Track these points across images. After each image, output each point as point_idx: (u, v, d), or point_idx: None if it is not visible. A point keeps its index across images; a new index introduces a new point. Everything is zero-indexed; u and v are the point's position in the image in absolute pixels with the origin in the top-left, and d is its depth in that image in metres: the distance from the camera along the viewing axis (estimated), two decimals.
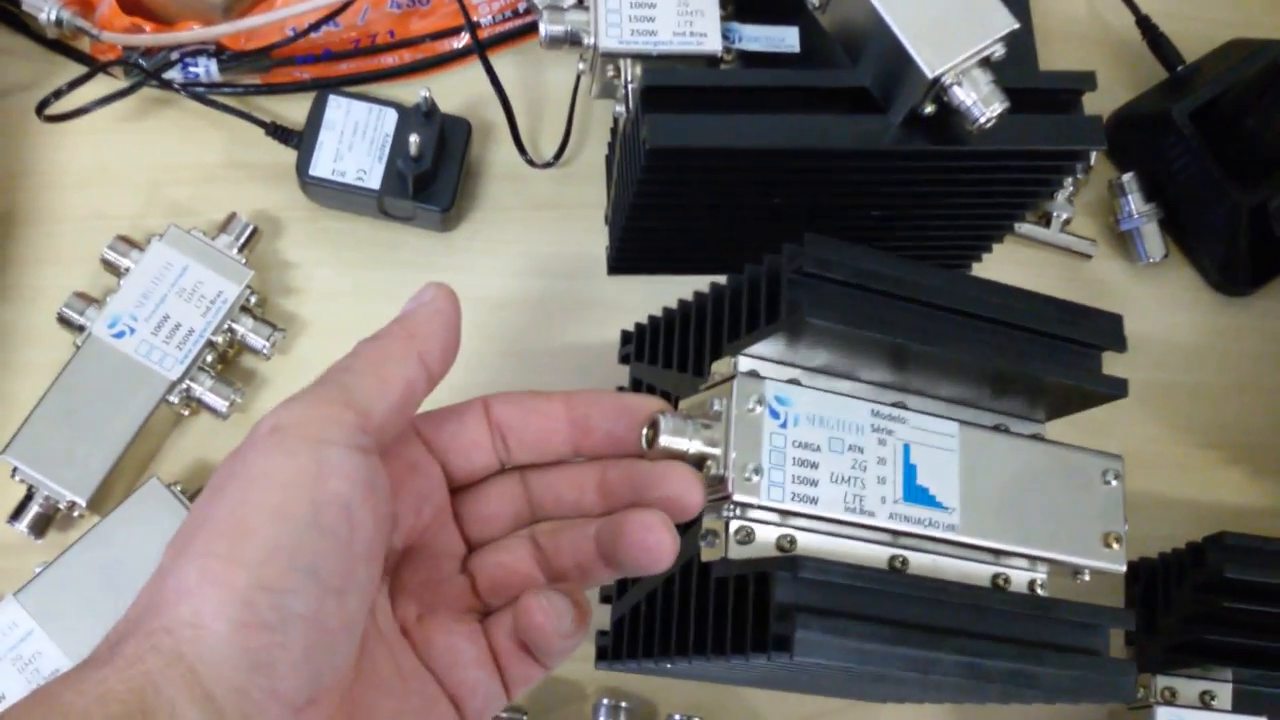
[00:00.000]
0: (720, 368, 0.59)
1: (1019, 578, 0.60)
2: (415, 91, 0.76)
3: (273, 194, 0.79)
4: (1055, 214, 0.82)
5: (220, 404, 0.73)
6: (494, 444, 0.55)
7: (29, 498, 0.71)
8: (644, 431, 0.54)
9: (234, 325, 0.73)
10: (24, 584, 0.69)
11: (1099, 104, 0.85)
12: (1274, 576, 0.68)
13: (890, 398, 0.59)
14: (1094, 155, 0.84)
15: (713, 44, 0.70)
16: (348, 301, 0.78)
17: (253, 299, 0.74)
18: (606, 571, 0.53)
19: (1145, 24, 0.86)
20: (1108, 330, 0.62)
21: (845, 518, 0.55)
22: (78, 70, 0.78)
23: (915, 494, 0.56)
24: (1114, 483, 0.60)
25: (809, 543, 0.56)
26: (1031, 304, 0.61)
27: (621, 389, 0.72)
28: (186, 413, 0.74)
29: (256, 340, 0.74)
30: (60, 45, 0.79)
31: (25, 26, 0.79)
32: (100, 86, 0.77)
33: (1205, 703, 0.72)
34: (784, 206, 0.72)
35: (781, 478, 0.55)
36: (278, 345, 0.74)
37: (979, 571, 0.59)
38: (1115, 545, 0.59)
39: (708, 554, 0.56)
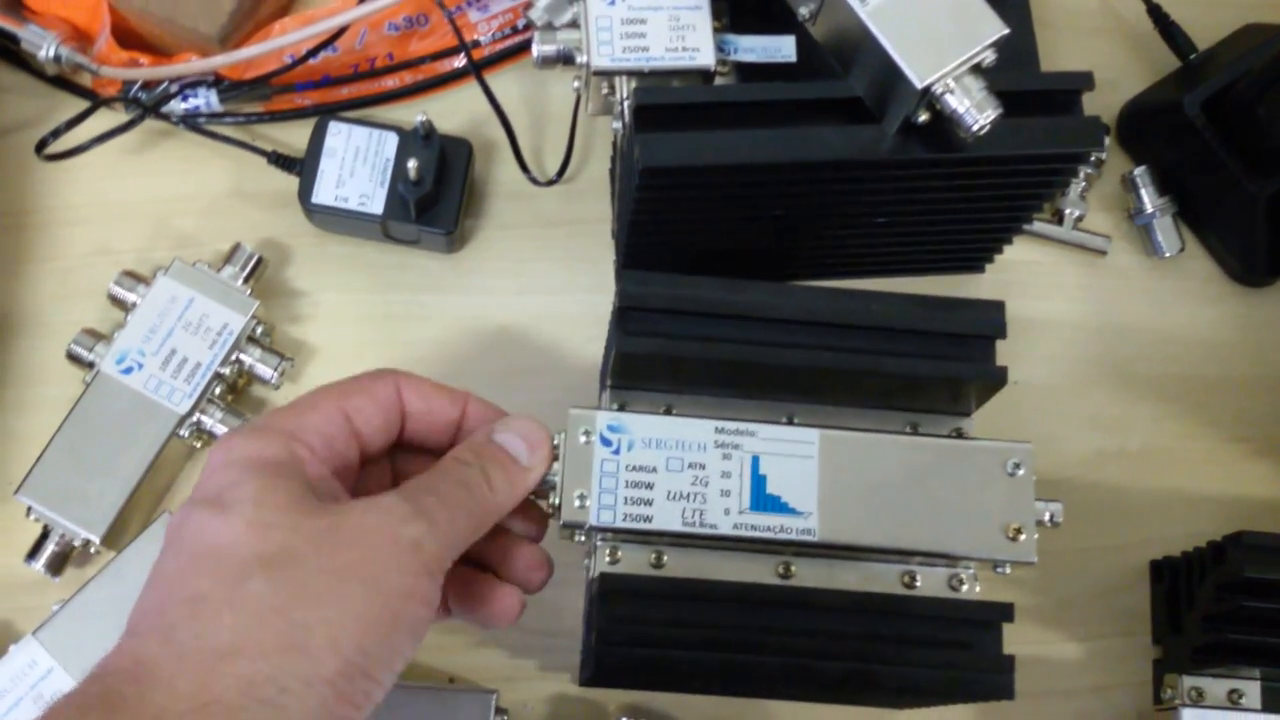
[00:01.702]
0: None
1: (933, 576, 0.62)
2: (417, 113, 0.76)
3: (278, 222, 0.79)
4: (1068, 211, 0.81)
5: None
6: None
7: (45, 536, 0.72)
8: None
9: (242, 356, 0.74)
10: (42, 622, 0.69)
11: (1112, 96, 0.85)
12: None
13: (783, 412, 0.64)
14: (1106, 149, 0.83)
15: (705, 58, 0.69)
16: (356, 326, 0.78)
17: (259, 329, 0.74)
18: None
19: (1156, 12, 0.84)
20: (985, 319, 0.63)
21: (684, 530, 0.60)
22: (80, 105, 0.78)
23: (765, 503, 0.60)
24: (1020, 473, 0.61)
25: (683, 559, 0.61)
26: (897, 305, 0.63)
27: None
28: (199, 445, 0.74)
29: (264, 370, 0.74)
30: (61, 81, 0.80)
31: (25, 63, 0.80)
32: (102, 122, 0.77)
33: (1234, 702, 0.71)
34: (789, 217, 0.71)
35: (614, 500, 0.60)
36: (286, 374, 0.74)
37: (885, 572, 0.62)
38: (1020, 537, 0.60)
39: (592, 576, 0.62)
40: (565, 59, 0.70)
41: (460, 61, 0.81)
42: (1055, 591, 0.76)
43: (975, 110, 0.61)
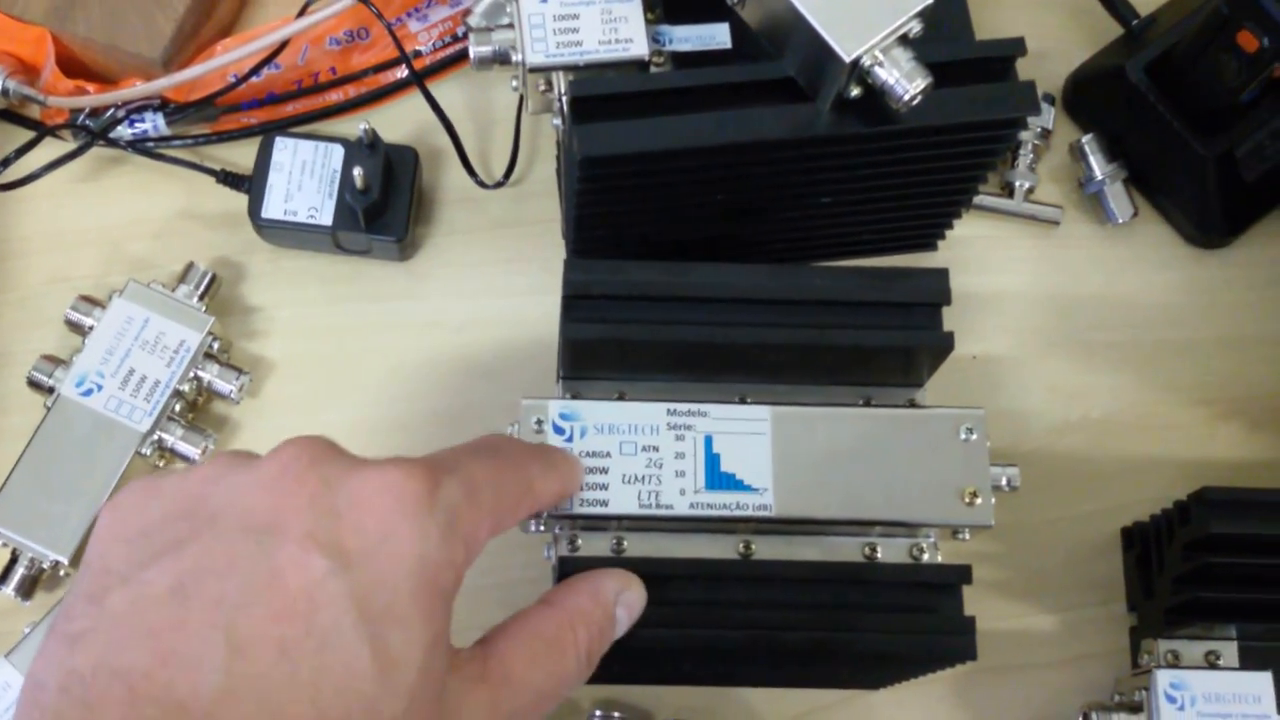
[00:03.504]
0: None
1: (894, 547, 0.63)
2: (355, 128, 0.76)
3: (231, 240, 0.79)
4: (1018, 184, 0.81)
5: (192, 452, 0.73)
6: None
7: (14, 561, 0.72)
8: None
9: (200, 373, 0.74)
10: (14, 645, 0.69)
11: (1057, 67, 0.85)
12: (1261, 527, 0.66)
13: (734, 390, 0.64)
14: (1052, 119, 0.83)
15: (639, 49, 0.69)
16: (312, 339, 0.78)
17: (215, 345, 0.74)
18: None
19: None
20: (929, 287, 0.64)
21: (640, 513, 0.60)
22: (29, 137, 0.79)
23: (720, 481, 0.61)
24: (973, 438, 0.62)
25: (643, 543, 0.62)
26: (842, 279, 0.64)
27: None
28: (162, 463, 0.75)
29: (223, 386, 0.74)
30: (9, 114, 0.80)
31: None
32: (51, 150, 0.78)
33: (1210, 663, 0.70)
34: (734, 201, 0.71)
35: None
36: (245, 389, 0.75)
37: (845, 545, 0.63)
38: (977, 501, 0.61)
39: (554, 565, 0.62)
40: (501, 59, 0.71)
41: (403, 72, 0.81)
42: (1026, 564, 0.76)
43: (905, 81, 0.61)
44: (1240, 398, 0.80)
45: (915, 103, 0.62)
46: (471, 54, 0.70)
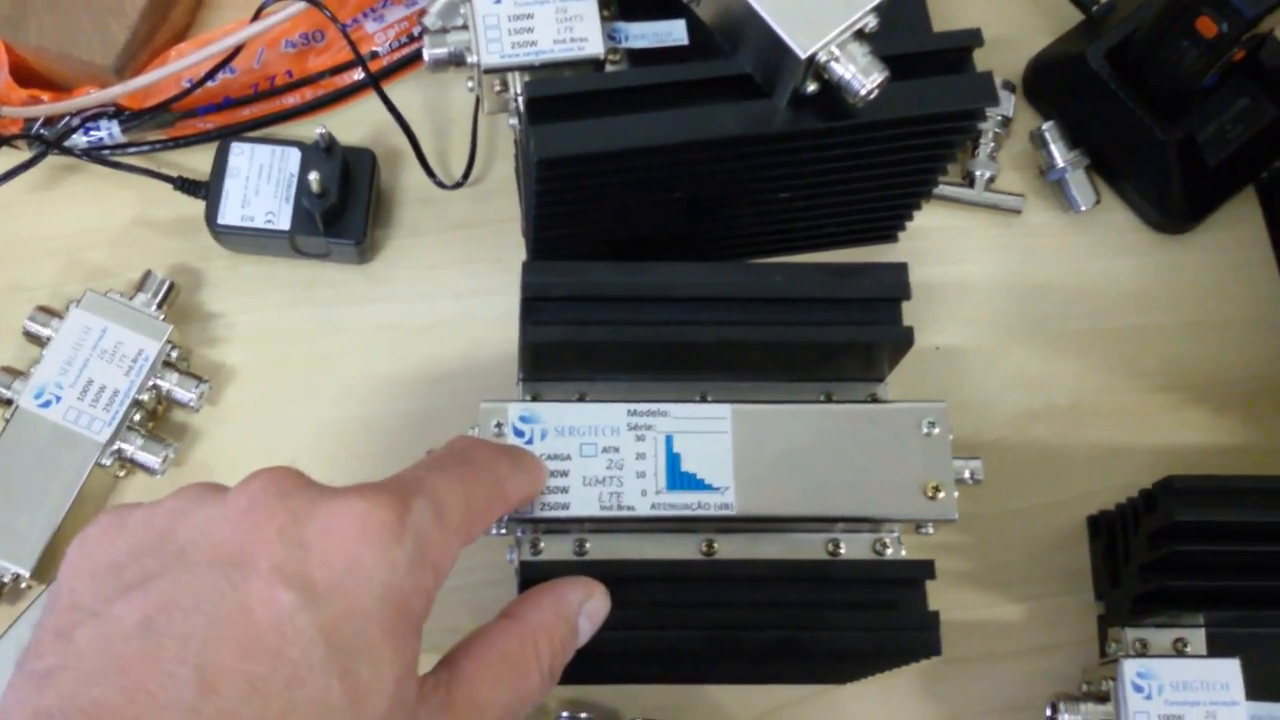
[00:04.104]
0: None
1: (857, 542, 0.63)
2: (318, 128, 0.76)
3: (189, 246, 0.78)
4: (979, 173, 0.81)
5: (152, 461, 0.73)
6: None
7: None
8: None
9: (159, 382, 0.73)
10: None
11: (1017, 55, 0.85)
12: (1225, 515, 0.66)
13: (695, 389, 0.64)
14: (1012, 107, 0.82)
15: (594, 47, 0.69)
16: (272, 345, 0.78)
17: (174, 353, 0.74)
18: None
19: None
20: (888, 281, 0.64)
21: (602, 515, 0.60)
22: None
23: (681, 481, 0.60)
24: (935, 431, 0.62)
25: (605, 545, 0.62)
26: (800, 275, 0.64)
27: None
28: (123, 474, 0.74)
29: (183, 394, 0.74)
30: None
31: None
32: (6, 160, 0.77)
33: (1179, 650, 0.70)
34: (694, 199, 0.71)
35: None
36: (205, 397, 0.74)
37: (809, 542, 0.63)
38: (940, 495, 0.61)
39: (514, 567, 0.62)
40: (457, 60, 0.70)
41: (360, 74, 0.80)
42: (992, 555, 0.76)
43: (861, 75, 0.61)
44: (1206, 383, 0.80)
45: (872, 97, 0.62)
46: (426, 56, 0.70)
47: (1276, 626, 0.71)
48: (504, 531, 0.61)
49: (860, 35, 0.62)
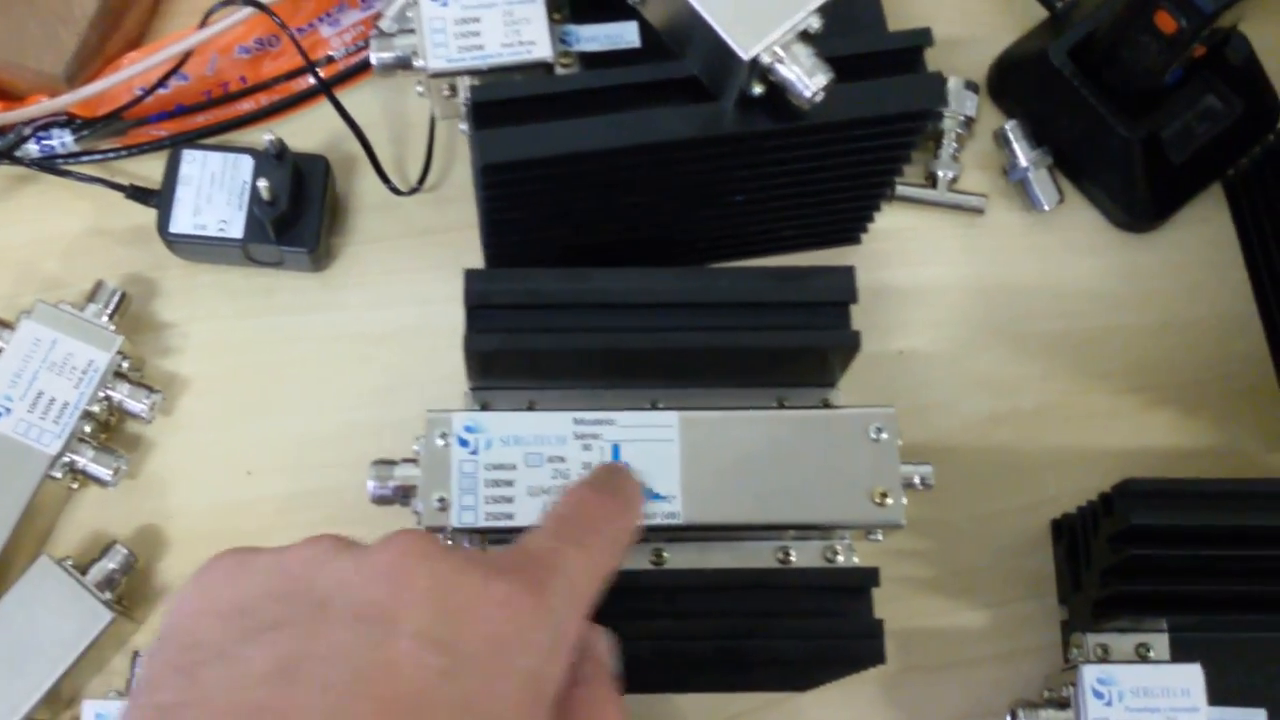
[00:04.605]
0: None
1: (808, 550, 0.62)
2: (277, 135, 0.75)
3: (143, 256, 0.78)
4: (940, 173, 0.80)
5: (104, 473, 0.72)
6: None
7: None
8: None
9: (110, 393, 0.73)
10: None
11: (983, 53, 0.84)
12: (1183, 518, 0.65)
13: (646, 396, 0.63)
14: (975, 107, 0.81)
15: (543, 50, 0.68)
16: (226, 355, 0.77)
17: (125, 364, 0.73)
18: None
19: None
20: (835, 285, 0.63)
21: None
22: None
23: None
24: (884, 437, 0.61)
25: None
26: (745, 280, 0.63)
27: None
28: (75, 485, 0.73)
29: (134, 405, 0.73)
30: None
31: None
32: None
33: (1141, 656, 0.70)
34: (646, 203, 0.70)
35: (474, 501, 0.60)
36: (157, 407, 0.73)
37: (759, 550, 0.62)
38: (887, 501, 0.60)
39: None
40: (403, 65, 0.70)
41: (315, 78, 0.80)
42: (956, 560, 0.75)
43: (806, 77, 0.60)
44: (1173, 384, 0.79)
45: (818, 99, 0.61)
46: (373, 60, 0.69)
47: (1240, 631, 0.70)
48: (450, 542, 0.60)
49: (805, 36, 0.61)
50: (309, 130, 0.80)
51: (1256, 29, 0.81)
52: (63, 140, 0.77)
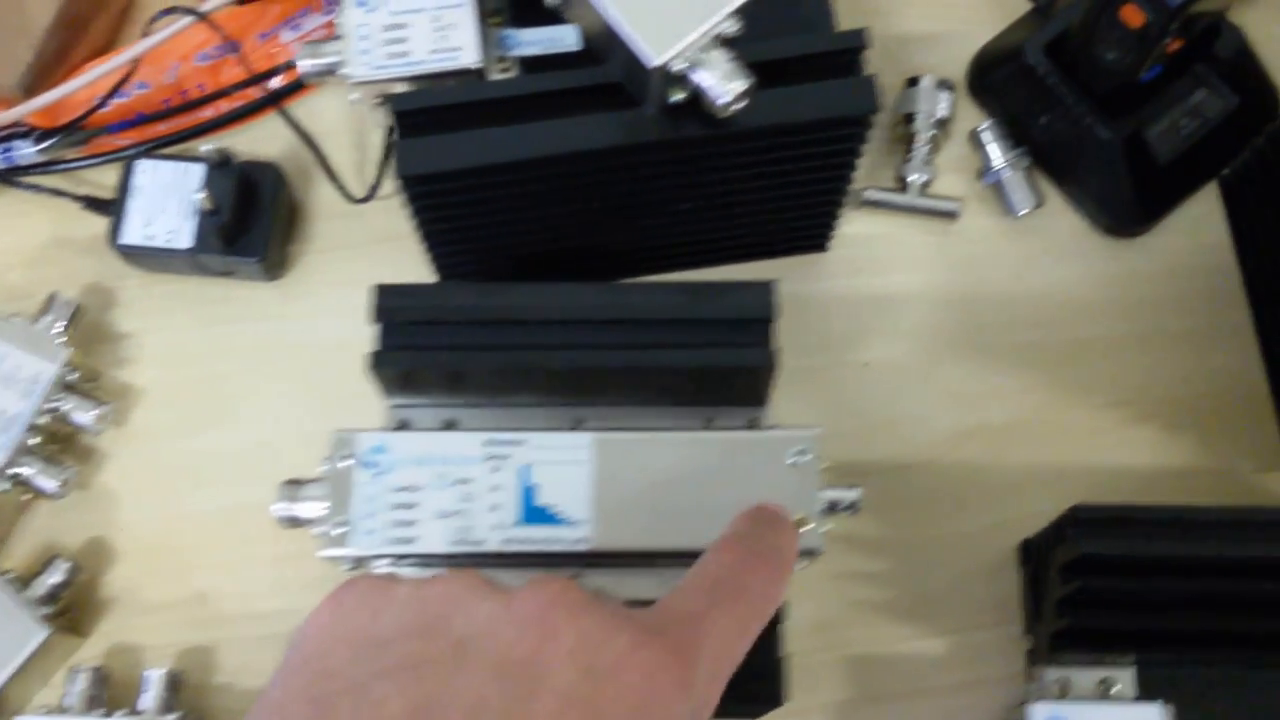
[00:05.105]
0: None
1: None
2: (240, 142, 0.75)
3: (103, 266, 0.78)
4: (911, 177, 0.76)
5: (50, 485, 0.72)
6: None
7: None
8: None
9: (60, 405, 0.73)
10: None
11: (964, 49, 0.80)
12: (1135, 548, 0.61)
13: (569, 414, 0.61)
14: (948, 107, 0.77)
15: (470, 57, 0.67)
16: (181, 365, 0.77)
17: (73, 376, 0.73)
18: None
19: None
20: (752, 302, 0.60)
21: (452, 551, 0.57)
22: None
23: (534, 515, 0.58)
24: (803, 460, 0.59)
25: None
26: (661, 296, 0.61)
27: None
28: (25, 497, 0.74)
29: (81, 417, 0.73)
30: None
31: None
32: None
33: (1103, 692, 0.66)
34: (586, 212, 0.68)
35: (375, 525, 0.58)
36: (107, 419, 0.73)
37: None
38: (806, 527, 0.58)
39: None
40: (332, 73, 0.69)
41: (278, 82, 0.79)
42: (916, 583, 0.72)
43: (722, 83, 0.59)
44: (1157, 398, 0.75)
45: (738, 106, 0.59)
46: (299, 69, 0.68)
47: (1212, 665, 0.66)
48: (354, 568, 0.59)
49: (723, 41, 0.59)
50: (272, 136, 0.79)
51: (1257, 20, 0.77)
52: (24, 151, 0.78)
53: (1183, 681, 0.65)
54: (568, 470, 0.58)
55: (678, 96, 0.60)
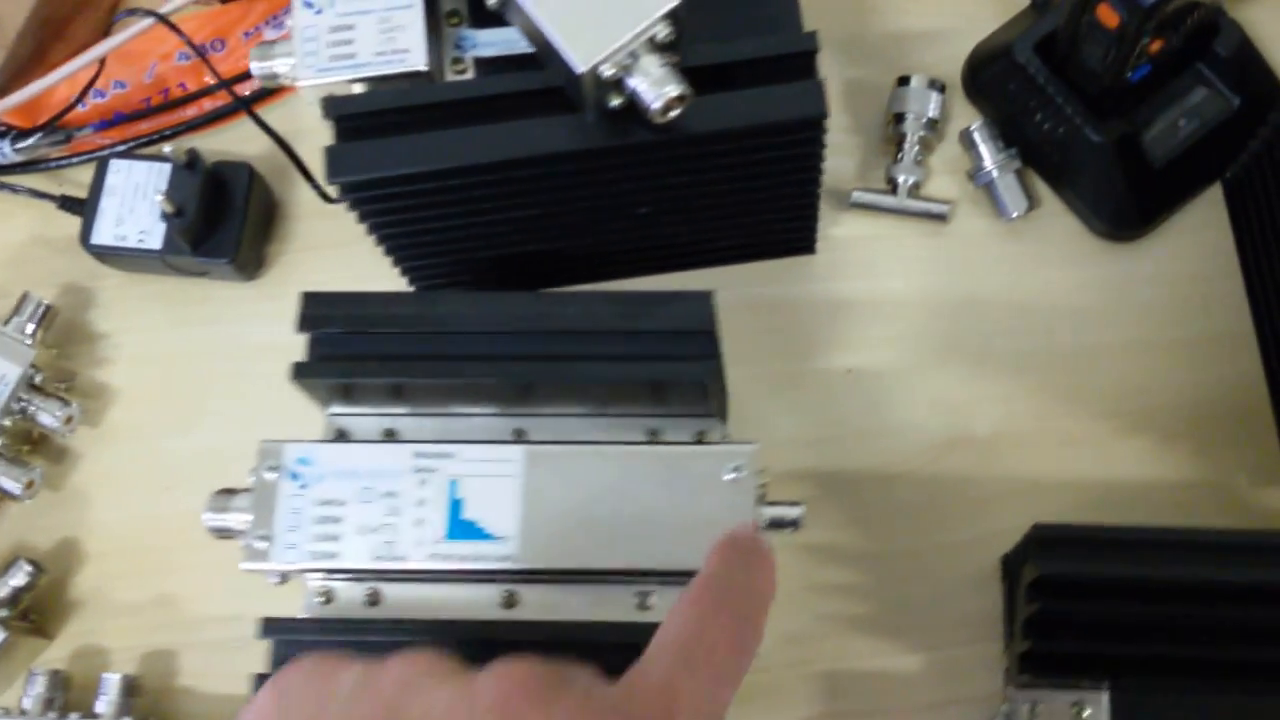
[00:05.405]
0: None
1: (670, 595, 0.57)
2: (221, 141, 0.74)
3: (81, 265, 0.77)
4: (901, 179, 0.73)
5: (13, 486, 0.72)
6: None
7: None
8: None
9: (26, 406, 0.72)
10: None
11: (962, 46, 0.77)
12: (1096, 569, 0.58)
13: (511, 425, 0.60)
14: (938, 107, 0.74)
15: (416, 59, 0.65)
16: (156, 366, 0.76)
17: (39, 377, 0.73)
18: None
19: None
20: (688, 312, 0.58)
21: (375, 566, 0.56)
22: None
23: (460, 530, 0.56)
24: (740, 476, 0.56)
25: (401, 593, 0.58)
26: (595, 306, 0.59)
27: None
28: None
29: (48, 419, 0.73)
30: None
31: None
32: None
33: (1075, 716, 0.63)
34: (538, 218, 0.66)
35: (299, 539, 0.56)
36: (75, 420, 0.73)
37: (617, 594, 0.58)
38: None
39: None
40: (277, 75, 0.67)
41: (258, 83, 0.78)
42: (894, 597, 0.69)
43: (655, 89, 0.57)
44: (1152, 408, 0.71)
45: (673, 112, 0.57)
46: (252, 70, 0.67)
47: (1187, 692, 0.62)
48: (281, 582, 0.58)
49: (658, 46, 0.57)
50: (254, 135, 0.77)
51: (1259, 17, 0.73)
52: (2, 150, 0.78)
53: (1157, 707, 0.62)
54: (496, 484, 0.57)
55: (616, 102, 0.58)
